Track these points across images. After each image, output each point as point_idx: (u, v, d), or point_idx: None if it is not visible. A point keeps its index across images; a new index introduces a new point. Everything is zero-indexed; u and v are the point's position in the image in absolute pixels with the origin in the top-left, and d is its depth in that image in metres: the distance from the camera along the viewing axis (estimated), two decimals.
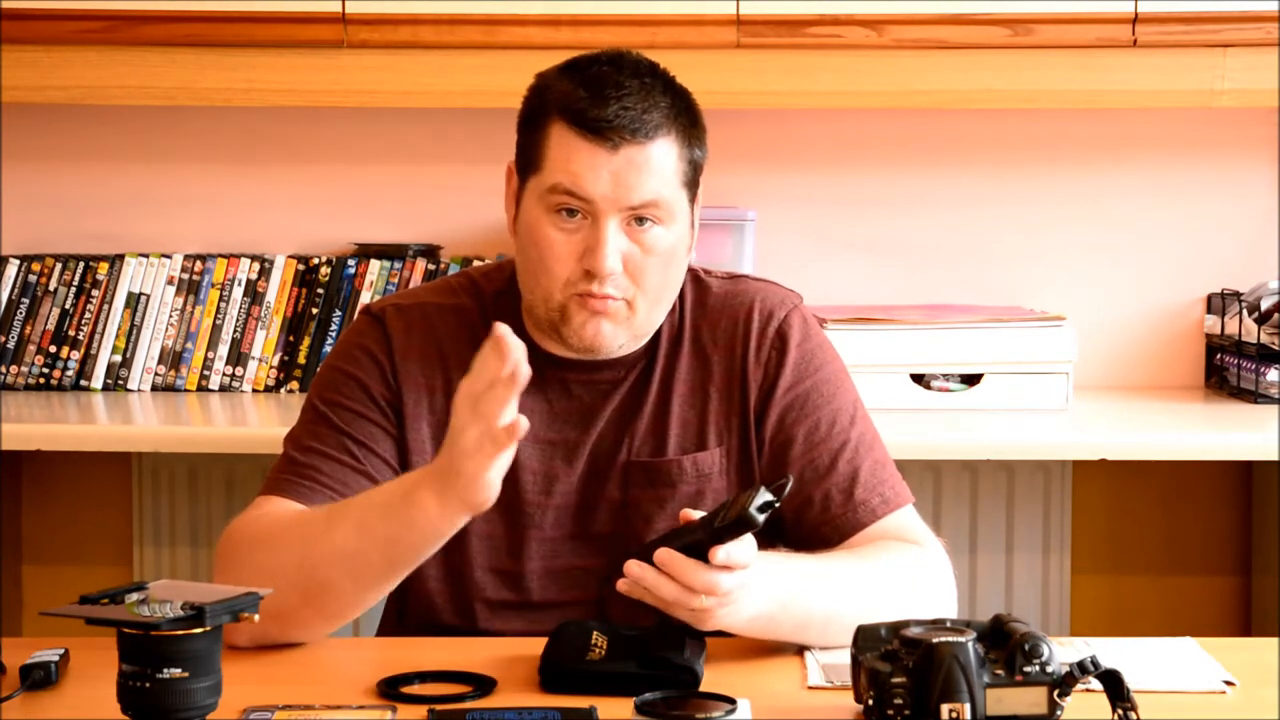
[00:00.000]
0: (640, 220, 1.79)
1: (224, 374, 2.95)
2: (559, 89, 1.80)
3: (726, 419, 1.88)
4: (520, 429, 1.56)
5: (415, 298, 1.93)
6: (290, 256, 2.98)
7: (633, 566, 1.60)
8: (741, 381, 1.88)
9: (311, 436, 1.84)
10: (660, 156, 1.78)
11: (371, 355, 1.87)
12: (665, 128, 1.79)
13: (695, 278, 1.93)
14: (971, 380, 2.79)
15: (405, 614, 1.87)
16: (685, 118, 1.82)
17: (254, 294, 2.96)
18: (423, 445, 1.86)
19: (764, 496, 1.56)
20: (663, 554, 1.58)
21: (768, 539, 1.72)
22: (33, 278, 2.96)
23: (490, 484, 1.60)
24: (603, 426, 1.87)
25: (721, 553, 1.56)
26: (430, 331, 1.89)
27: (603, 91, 1.77)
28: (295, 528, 1.72)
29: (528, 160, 1.82)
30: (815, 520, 1.84)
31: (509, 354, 1.55)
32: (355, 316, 1.97)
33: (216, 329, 2.95)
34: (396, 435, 1.85)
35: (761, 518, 1.55)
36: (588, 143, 1.77)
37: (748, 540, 1.59)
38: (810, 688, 1.61)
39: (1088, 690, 1.49)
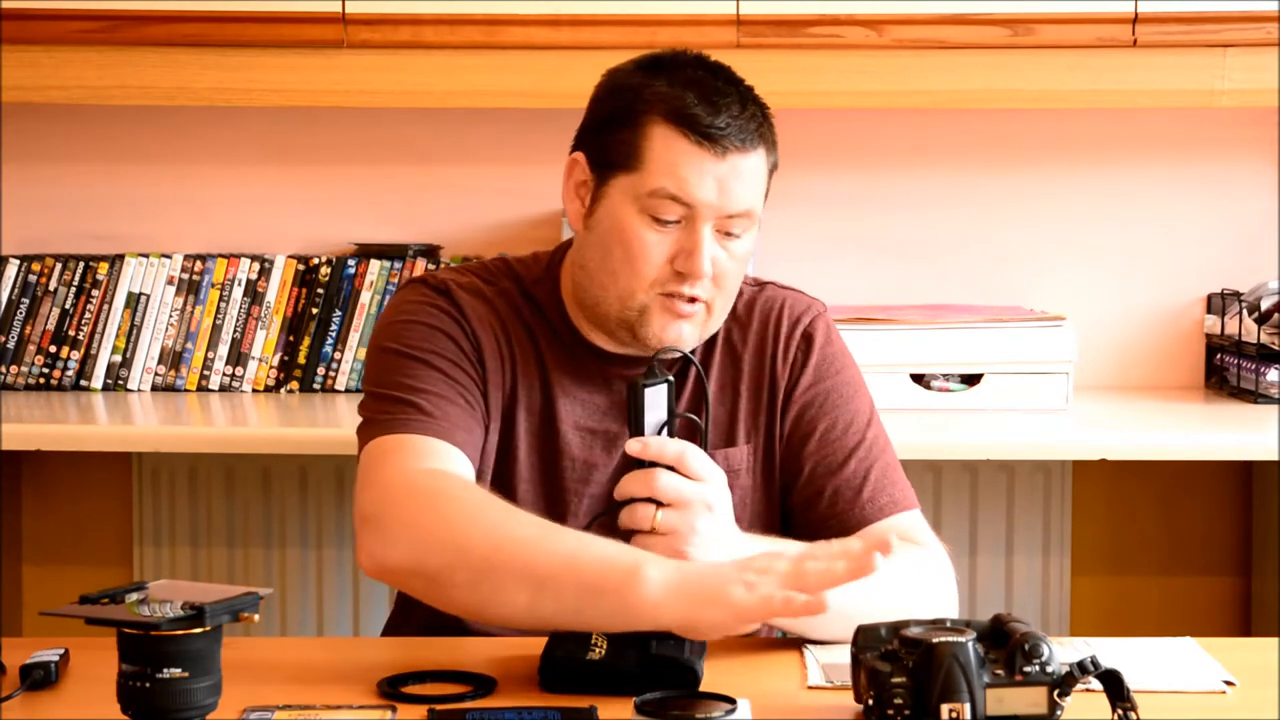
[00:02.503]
0: (729, 228, 1.81)
1: (224, 374, 2.94)
2: (658, 90, 1.80)
3: (755, 416, 1.93)
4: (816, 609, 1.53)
5: (465, 276, 1.93)
6: (290, 256, 2.98)
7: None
8: (770, 380, 1.93)
9: (412, 378, 1.81)
10: (757, 166, 1.82)
11: (450, 315, 1.87)
12: (763, 138, 1.82)
13: None
14: (971, 380, 2.79)
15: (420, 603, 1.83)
16: (769, 128, 1.85)
17: (254, 294, 2.96)
18: (496, 416, 1.87)
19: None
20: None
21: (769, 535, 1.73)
22: (33, 278, 2.96)
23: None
24: None
25: (635, 443, 1.67)
26: (491, 308, 1.90)
27: (710, 98, 1.79)
28: (507, 527, 1.63)
29: (616, 158, 1.82)
30: (823, 514, 1.88)
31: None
32: (406, 286, 1.92)
33: (216, 329, 2.95)
34: (483, 391, 1.85)
35: (650, 390, 1.68)
36: (698, 149, 1.78)
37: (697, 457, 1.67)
38: (810, 688, 1.61)
39: (1088, 690, 1.49)
